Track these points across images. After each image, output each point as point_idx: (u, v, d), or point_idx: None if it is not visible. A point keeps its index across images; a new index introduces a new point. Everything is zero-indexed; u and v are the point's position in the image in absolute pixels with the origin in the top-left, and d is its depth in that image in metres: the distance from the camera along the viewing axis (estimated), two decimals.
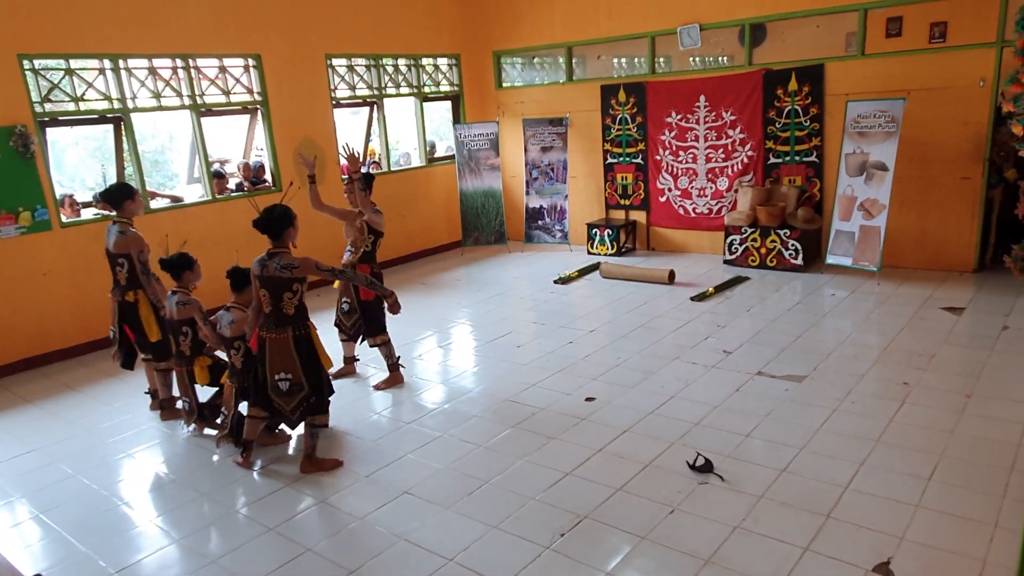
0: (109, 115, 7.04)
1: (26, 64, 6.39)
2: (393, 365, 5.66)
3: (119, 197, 5.02)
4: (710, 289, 7.41)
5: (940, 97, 7.20)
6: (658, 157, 9.24)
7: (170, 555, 3.67)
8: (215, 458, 4.66)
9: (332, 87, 8.85)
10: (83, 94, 6.79)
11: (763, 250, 8.15)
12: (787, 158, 8.29)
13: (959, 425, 4.37)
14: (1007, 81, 5.58)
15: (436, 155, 10.67)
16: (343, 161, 5.59)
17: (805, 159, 8.18)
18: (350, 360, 5.97)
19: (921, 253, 7.68)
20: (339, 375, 5.84)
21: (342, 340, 5.85)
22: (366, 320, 5.58)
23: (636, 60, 9.35)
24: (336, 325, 5.81)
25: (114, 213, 5.14)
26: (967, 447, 4.11)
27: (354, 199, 5.38)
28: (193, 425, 4.99)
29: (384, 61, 9.46)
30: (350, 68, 9.09)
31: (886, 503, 3.62)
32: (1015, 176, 7.09)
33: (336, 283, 5.66)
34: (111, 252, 5.02)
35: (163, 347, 5.09)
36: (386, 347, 5.62)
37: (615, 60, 9.60)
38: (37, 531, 3.98)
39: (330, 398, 4.42)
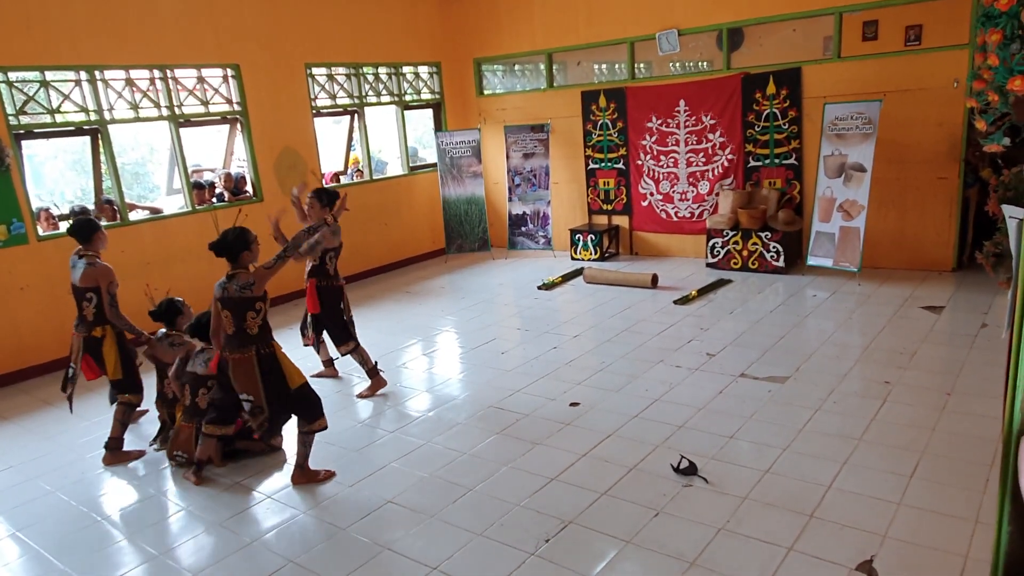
0: (86, 127, 6.98)
1: None
2: (371, 370, 5.62)
3: (89, 231, 4.76)
4: (693, 292, 7.44)
5: (916, 98, 7.29)
6: (639, 162, 9.28)
7: (150, 571, 3.62)
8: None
9: (312, 96, 8.82)
10: (59, 106, 6.73)
11: (745, 253, 8.19)
12: (767, 161, 8.35)
13: (940, 422, 4.40)
14: (969, 77, 5.63)
15: (416, 163, 10.65)
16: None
17: (784, 162, 8.25)
18: (328, 363, 6.03)
19: (900, 253, 7.76)
20: (318, 376, 5.97)
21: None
22: (328, 330, 5.62)
23: (616, 66, 9.40)
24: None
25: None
26: (948, 444, 4.15)
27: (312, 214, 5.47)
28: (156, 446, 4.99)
29: (364, 70, 9.44)
30: (330, 77, 9.06)
31: (869, 501, 3.64)
32: (990, 175, 7.18)
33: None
34: (78, 287, 4.73)
35: (129, 383, 4.95)
36: (357, 353, 5.58)
37: (595, 66, 9.64)
38: (15, 549, 3.91)
39: (320, 403, 4.36)
